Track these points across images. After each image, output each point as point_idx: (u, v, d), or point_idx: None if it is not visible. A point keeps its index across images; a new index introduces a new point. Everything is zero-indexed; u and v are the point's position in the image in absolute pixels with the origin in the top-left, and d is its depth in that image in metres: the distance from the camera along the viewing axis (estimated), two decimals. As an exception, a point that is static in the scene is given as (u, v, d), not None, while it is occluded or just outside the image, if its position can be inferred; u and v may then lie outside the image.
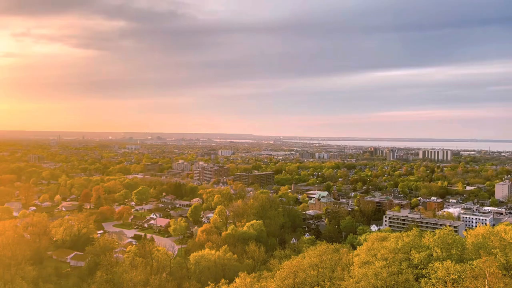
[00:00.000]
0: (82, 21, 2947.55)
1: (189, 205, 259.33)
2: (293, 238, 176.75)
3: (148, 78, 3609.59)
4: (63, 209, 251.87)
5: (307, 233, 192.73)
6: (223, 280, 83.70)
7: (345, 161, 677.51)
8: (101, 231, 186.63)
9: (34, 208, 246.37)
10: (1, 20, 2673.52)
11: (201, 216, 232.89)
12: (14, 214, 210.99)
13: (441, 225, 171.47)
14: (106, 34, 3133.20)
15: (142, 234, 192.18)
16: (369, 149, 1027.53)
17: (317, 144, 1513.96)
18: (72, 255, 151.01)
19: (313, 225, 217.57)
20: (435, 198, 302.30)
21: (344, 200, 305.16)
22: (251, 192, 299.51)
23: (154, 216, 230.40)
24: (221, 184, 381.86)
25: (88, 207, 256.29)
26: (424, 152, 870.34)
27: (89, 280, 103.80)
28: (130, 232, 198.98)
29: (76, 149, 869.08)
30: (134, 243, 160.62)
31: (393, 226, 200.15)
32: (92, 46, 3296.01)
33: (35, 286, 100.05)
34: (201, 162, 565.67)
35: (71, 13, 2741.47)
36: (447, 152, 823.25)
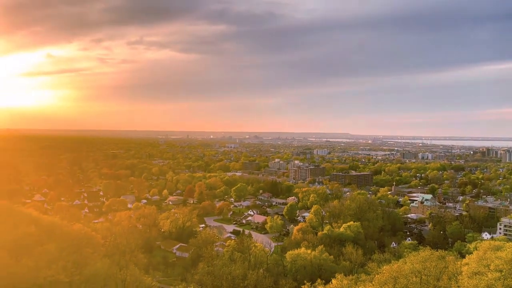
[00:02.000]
0: (186, 27, 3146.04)
1: (285, 204, 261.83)
2: (393, 242, 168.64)
3: (247, 79, 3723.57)
4: (170, 203, 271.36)
5: (409, 238, 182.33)
6: (319, 280, 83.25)
7: (452, 162, 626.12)
8: (203, 225, 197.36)
9: (145, 201, 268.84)
10: (118, 31, 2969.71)
11: (297, 214, 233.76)
12: (129, 206, 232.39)
13: None
14: (208, 38, 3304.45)
15: (241, 229, 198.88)
16: (481, 149, 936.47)
17: (420, 144, 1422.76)
18: (178, 246, 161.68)
19: (415, 229, 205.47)
20: None
21: (450, 204, 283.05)
22: (348, 193, 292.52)
23: (252, 213, 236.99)
24: (316, 183, 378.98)
25: (192, 201, 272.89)
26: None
27: (192, 271, 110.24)
28: (229, 227, 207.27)
29: (181, 147, 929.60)
30: (233, 238, 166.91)
31: (509, 234, 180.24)
32: (195, 51, 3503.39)
33: (146, 272, 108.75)
34: (296, 161, 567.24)
35: (178, 20, 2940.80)
36: None
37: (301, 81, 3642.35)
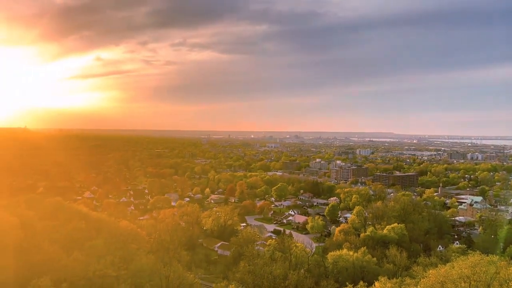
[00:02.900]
0: (229, 28, 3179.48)
1: (326, 204, 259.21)
2: (439, 246, 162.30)
3: (289, 79, 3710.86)
4: (212, 201, 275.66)
5: (457, 241, 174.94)
6: (361, 282, 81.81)
7: (504, 163, 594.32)
8: (244, 224, 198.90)
9: (188, 199, 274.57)
10: (163, 33, 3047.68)
11: (339, 215, 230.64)
12: (172, 203, 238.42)
13: None
14: (250, 39, 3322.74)
15: (281, 229, 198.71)
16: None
17: (469, 144, 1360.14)
18: (219, 244, 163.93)
19: (463, 233, 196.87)
20: None
21: (503, 207, 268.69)
22: (391, 194, 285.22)
23: (293, 213, 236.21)
24: (359, 184, 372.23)
25: (233, 200, 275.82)
26: None
27: (233, 269, 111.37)
28: (270, 227, 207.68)
29: (223, 147, 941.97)
30: (273, 237, 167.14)
31: None
32: (237, 51, 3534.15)
33: (189, 269, 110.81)
34: (338, 161, 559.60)
35: (220, 21, 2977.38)
36: None
37: (344, 79, 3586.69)
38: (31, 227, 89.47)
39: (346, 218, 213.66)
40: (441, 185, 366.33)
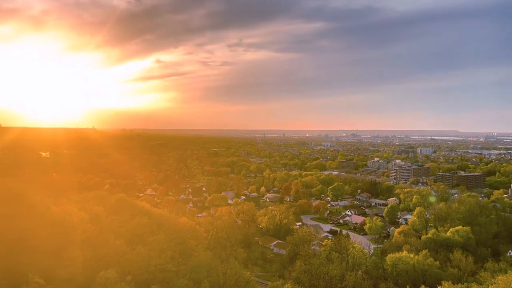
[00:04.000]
0: (283, 27, 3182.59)
1: (385, 205, 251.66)
2: (510, 251, 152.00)
3: (345, 76, 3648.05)
4: (267, 200, 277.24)
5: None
6: (423, 286, 78.73)
7: None
8: (300, 223, 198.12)
9: (244, 197, 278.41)
10: (219, 34, 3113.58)
11: (398, 216, 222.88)
12: (229, 201, 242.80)
13: None
14: (305, 37, 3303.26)
15: (338, 229, 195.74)
16: None
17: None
18: (275, 242, 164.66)
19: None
20: None
21: None
22: (455, 195, 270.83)
23: (349, 213, 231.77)
24: (420, 184, 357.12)
25: (288, 199, 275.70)
26: None
27: (289, 268, 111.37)
28: (326, 227, 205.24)
29: (278, 146, 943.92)
30: (330, 237, 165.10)
31: None
32: (292, 50, 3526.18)
33: (245, 267, 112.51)
34: (397, 161, 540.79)
35: (274, 21, 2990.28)
36: None
37: (402, 76, 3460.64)
38: (98, 222, 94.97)
39: (406, 220, 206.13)
40: (511, 186, 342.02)
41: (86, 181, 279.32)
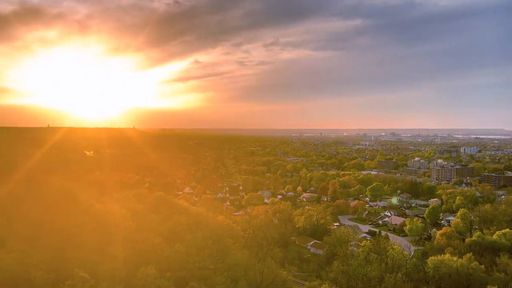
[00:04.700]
0: (320, 25, 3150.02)
1: (426, 205, 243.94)
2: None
3: (384, 74, 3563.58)
4: (304, 199, 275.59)
5: None
6: (467, 291, 75.55)
7: None
8: (337, 224, 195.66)
9: (280, 196, 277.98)
10: (256, 34, 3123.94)
11: (440, 218, 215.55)
12: (265, 200, 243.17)
13: None
14: (342, 35, 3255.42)
15: (377, 230, 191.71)
16: None
17: None
18: (312, 242, 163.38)
19: None
20: None
21: None
22: (502, 196, 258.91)
23: (389, 214, 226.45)
24: (463, 185, 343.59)
25: (325, 199, 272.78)
26: None
27: (326, 268, 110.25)
28: (365, 227, 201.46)
29: (315, 145, 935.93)
30: (368, 238, 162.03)
31: None
32: (329, 48, 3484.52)
33: (282, 266, 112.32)
34: (439, 160, 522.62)
35: (311, 19, 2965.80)
36: None
37: (444, 72, 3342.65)
38: (139, 220, 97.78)
39: (448, 221, 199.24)
40: None
41: (127, 180, 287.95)
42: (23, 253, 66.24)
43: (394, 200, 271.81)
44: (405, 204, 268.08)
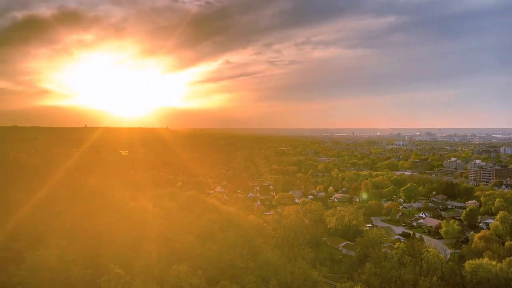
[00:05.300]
0: (352, 23, 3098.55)
1: (463, 207, 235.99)
2: None
3: (418, 72, 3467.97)
4: (335, 200, 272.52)
5: None
6: (507, 297, 72.48)
7: None
8: (370, 225, 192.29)
9: (311, 196, 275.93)
10: (287, 33, 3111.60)
11: (478, 220, 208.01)
12: (296, 200, 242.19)
13: None
14: (376, 32, 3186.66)
15: (411, 232, 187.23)
16: None
17: None
18: (344, 243, 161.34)
19: None
20: None
21: None
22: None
23: (423, 215, 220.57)
24: (503, 186, 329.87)
25: (358, 200, 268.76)
26: None
27: (359, 270, 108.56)
28: (398, 229, 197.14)
29: (346, 145, 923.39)
30: (402, 240, 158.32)
31: None
32: (362, 46, 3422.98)
33: (313, 267, 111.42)
34: (478, 161, 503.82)
35: (343, 17, 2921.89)
36: None
37: (482, 70, 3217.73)
38: (171, 218, 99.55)
39: (487, 224, 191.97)
40: None
41: (160, 179, 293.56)
42: (61, 249, 68.61)
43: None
44: (440, 206, 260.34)
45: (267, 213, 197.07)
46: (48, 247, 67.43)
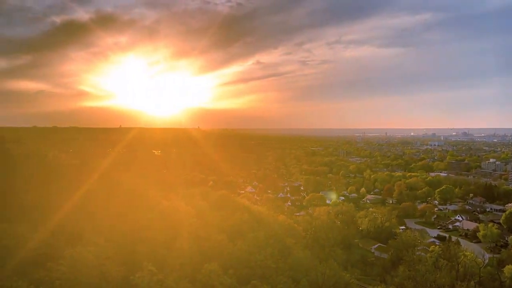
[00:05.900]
0: (385, 21, 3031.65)
1: (503, 210, 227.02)
2: None
3: (455, 70, 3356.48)
4: (368, 201, 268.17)
5: None
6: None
7: None
8: (403, 227, 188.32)
9: (343, 198, 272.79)
10: (318, 32, 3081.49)
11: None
12: (327, 201, 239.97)
13: None
14: (410, 30, 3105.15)
15: (446, 235, 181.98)
16: None
17: None
18: (376, 246, 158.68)
19: None
20: None
21: None
22: None
23: (460, 218, 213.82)
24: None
25: (391, 201, 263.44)
26: None
27: (392, 273, 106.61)
28: (433, 232, 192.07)
29: (379, 145, 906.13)
30: (437, 243, 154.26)
31: None
32: (396, 44, 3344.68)
33: (344, 268, 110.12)
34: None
35: (376, 15, 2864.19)
36: None
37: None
38: (203, 217, 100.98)
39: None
40: None
41: (192, 178, 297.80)
42: (98, 246, 70.91)
43: None
44: (478, 209, 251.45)
45: (298, 214, 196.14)
46: (86, 244, 69.80)
